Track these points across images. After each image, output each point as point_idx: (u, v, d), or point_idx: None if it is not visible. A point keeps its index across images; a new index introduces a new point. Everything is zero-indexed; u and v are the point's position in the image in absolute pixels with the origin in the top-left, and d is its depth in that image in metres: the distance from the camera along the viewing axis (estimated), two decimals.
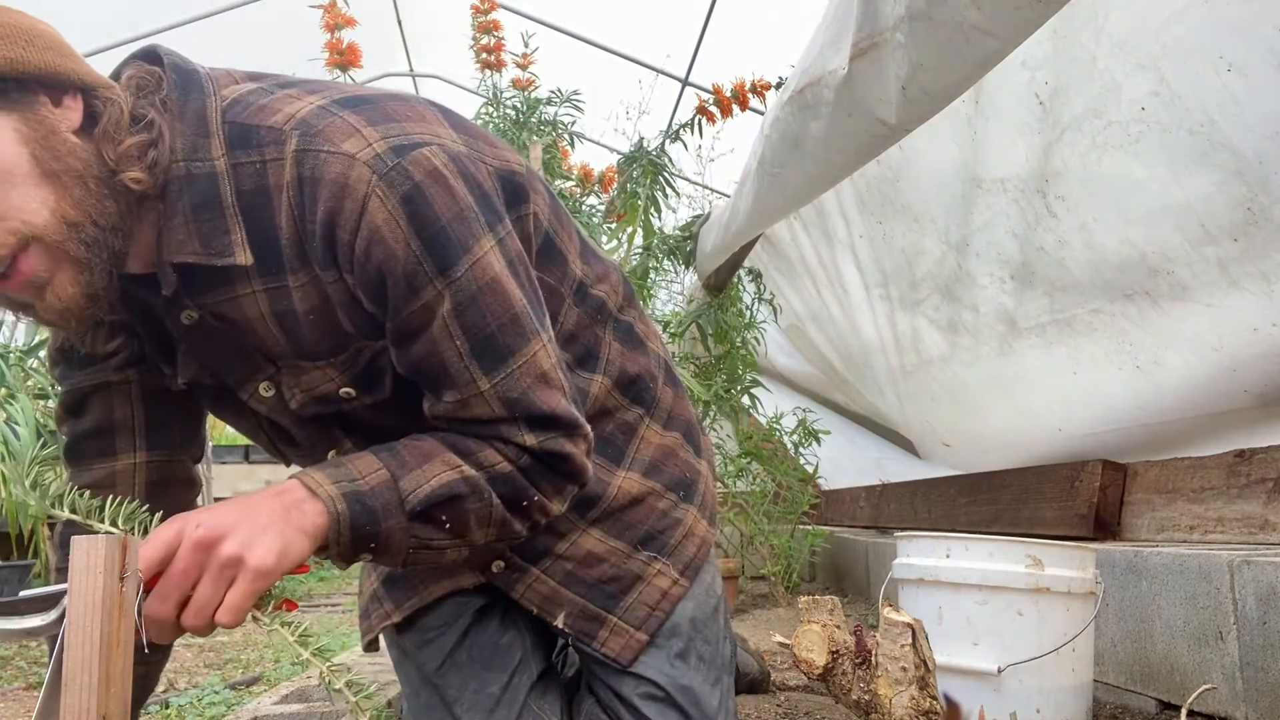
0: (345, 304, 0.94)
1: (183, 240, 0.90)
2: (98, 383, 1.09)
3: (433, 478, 0.94)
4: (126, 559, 0.83)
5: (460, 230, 0.91)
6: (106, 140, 0.85)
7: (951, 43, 1.50)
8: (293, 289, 0.94)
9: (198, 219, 0.90)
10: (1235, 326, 2.07)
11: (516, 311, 0.96)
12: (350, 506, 0.90)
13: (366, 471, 0.92)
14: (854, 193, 3.33)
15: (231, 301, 0.95)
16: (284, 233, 0.91)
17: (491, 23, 3.68)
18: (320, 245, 0.90)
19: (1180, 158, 1.96)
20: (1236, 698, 1.66)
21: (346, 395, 1.01)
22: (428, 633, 1.24)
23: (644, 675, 1.18)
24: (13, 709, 2.20)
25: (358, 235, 0.88)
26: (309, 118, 0.90)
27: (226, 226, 0.90)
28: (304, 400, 1.01)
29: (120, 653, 0.82)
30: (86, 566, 0.80)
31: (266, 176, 0.90)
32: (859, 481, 4.47)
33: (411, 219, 0.88)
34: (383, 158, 0.88)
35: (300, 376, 1.00)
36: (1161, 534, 2.26)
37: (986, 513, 3.00)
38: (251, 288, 0.94)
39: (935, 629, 1.64)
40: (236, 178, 0.90)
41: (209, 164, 0.90)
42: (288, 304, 0.95)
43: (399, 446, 0.96)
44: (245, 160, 0.90)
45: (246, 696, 2.24)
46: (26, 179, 0.80)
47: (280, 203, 0.90)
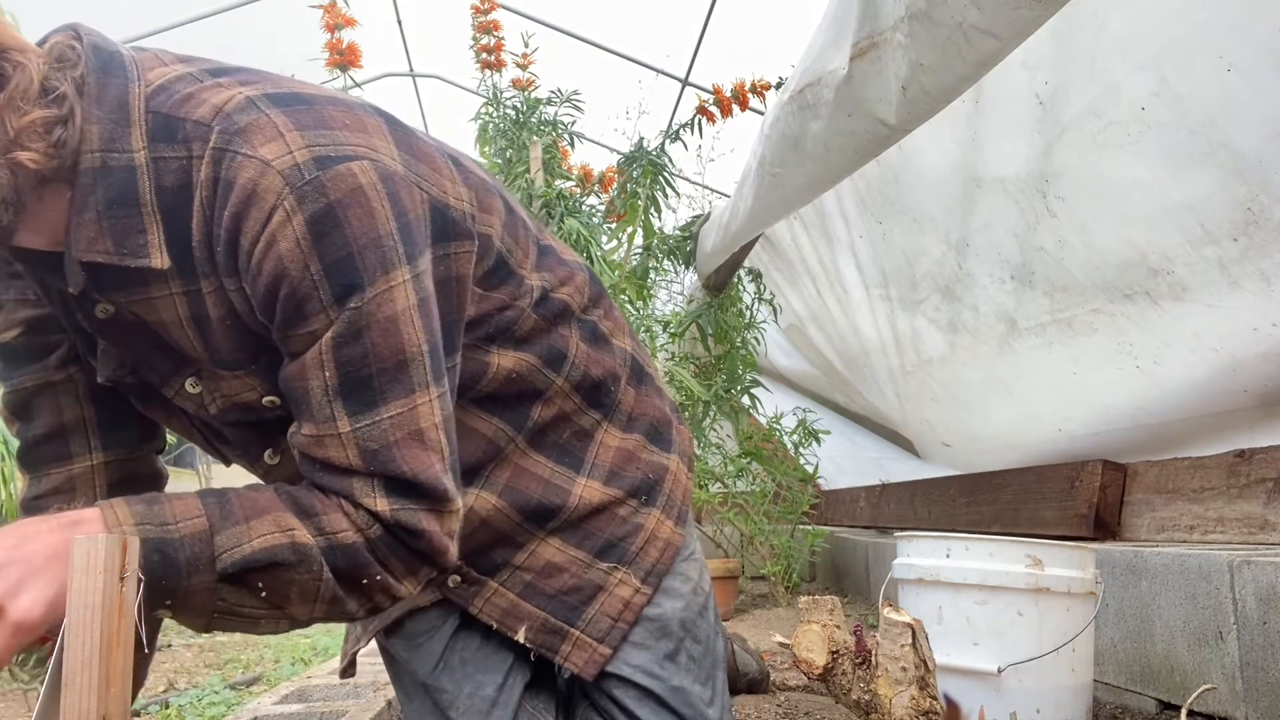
0: (250, 314, 0.88)
1: (93, 238, 0.83)
2: (40, 382, 1.03)
3: (256, 538, 0.84)
4: (126, 559, 0.83)
5: (371, 258, 0.84)
6: (9, 109, 0.78)
7: (951, 43, 1.50)
8: (206, 295, 0.88)
9: (112, 215, 0.83)
10: (1235, 326, 2.07)
11: (406, 357, 0.87)
12: (147, 556, 0.80)
13: (182, 517, 0.83)
14: (854, 193, 3.33)
15: (146, 302, 0.89)
16: (196, 234, 0.84)
17: (491, 23, 3.68)
18: (224, 250, 0.83)
19: (1180, 158, 1.96)
20: (1236, 698, 1.66)
21: (270, 404, 0.94)
22: (416, 637, 1.22)
23: (634, 680, 1.17)
24: (13, 709, 2.20)
25: (256, 245, 0.81)
26: (233, 112, 0.83)
27: (143, 225, 0.83)
28: (224, 405, 0.95)
29: (120, 653, 0.82)
30: (86, 566, 0.80)
31: (190, 173, 0.83)
32: (859, 481, 4.47)
33: (317, 240, 0.82)
34: (301, 169, 0.82)
35: (219, 384, 0.94)
36: (1161, 534, 2.26)
37: (986, 513, 3.00)
38: (169, 289, 0.88)
39: (935, 629, 1.64)
40: (157, 173, 0.83)
41: (127, 156, 0.83)
42: (202, 309, 0.89)
43: (232, 495, 0.87)
44: (169, 155, 0.83)
45: (246, 696, 2.24)
46: None
47: (196, 201, 0.84)
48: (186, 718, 2.05)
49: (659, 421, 1.26)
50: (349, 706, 1.80)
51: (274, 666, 2.75)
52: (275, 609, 0.87)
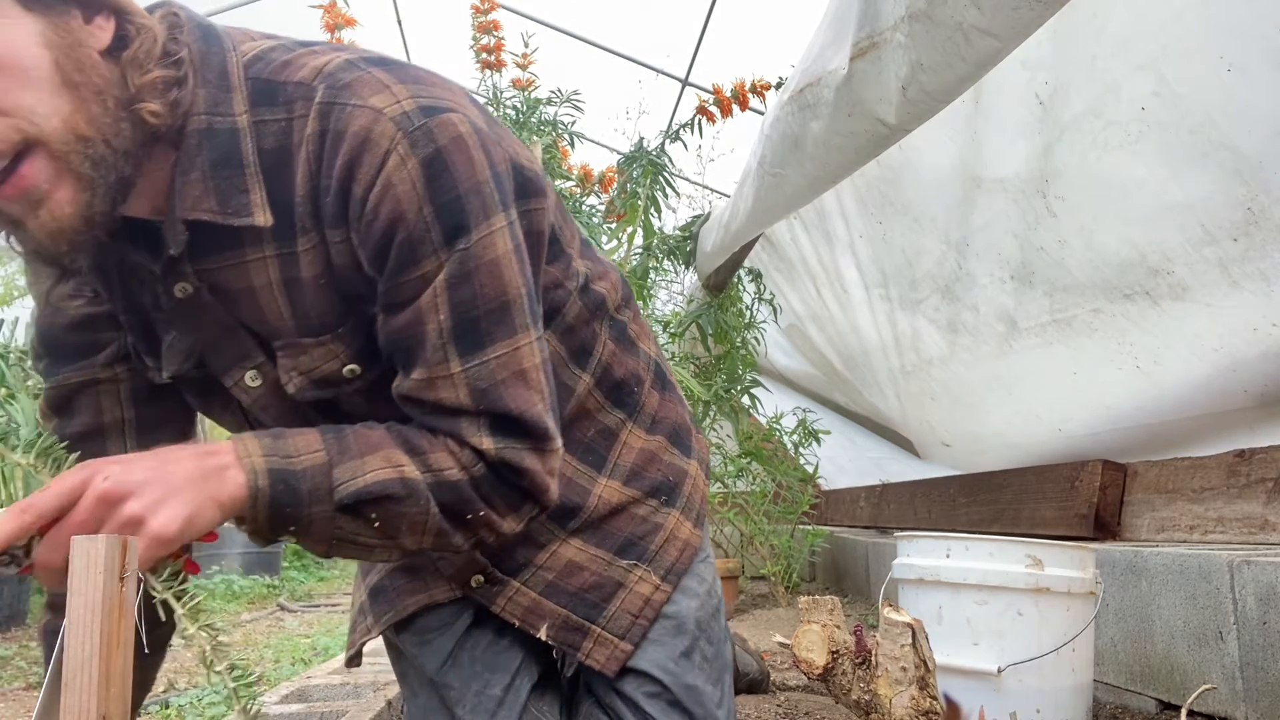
0: (349, 267, 0.90)
1: (199, 196, 0.86)
2: (85, 379, 1.03)
3: (369, 472, 0.88)
4: (126, 559, 0.83)
5: (474, 202, 0.88)
6: (133, 66, 0.82)
7: (951, 43, 1.50)
8: (301, 254, 0.90)
9: (217, 175, 0.86)
10: (1235, 326, 2.07)
11: (509, 299, 0.91)
12: (273, 485, 0.84)
13: (303, 450, 0.87)
14: (854, 193, 3.33)
15: (238, 268, 0.90)
16: (299, 189, 0.87)
17: (491, 23, 3.68)
18: (334, 200, 0.86)
19: (1180, 158, 1.96)
20: (1236, 698, 1.66)
21: (350, 374, 0.95)
22: (426, 634, 1.23)
23: (649, 673, 1.18)
24: (13, 709, 2.20)
25: (371, 190, 0.84)
26: (336, 71, 0.87)
27: (246, 185, 0.87)
28: (302, 384, 0.96)
29: (120, 653, 0.82)
30: (86, 566, 0.80)
31: (290, 134, 0.87)
32: (859, 481, 4.47)
33: (429, 183, 0.85)
34: (410, 116, 0.85)
35: (299, 357, 0.95)
36: (1161, 534, 2.26)
37: (986, 513, 3.00)
38: (263, 252, 0.90)
39: (935, 629, 1.64)
40: (258, 135, 0.87)
41: (230, 119, 0.86)
42: (296, 271, 0.90)
43: (348, 431, 0.91)
44: (269, 118, 0.87)
45: None
46: (44, 83, 0.76)
47: (299, 158, 0.87)
48: (186, 718, 2.05)
49: (680, 427, 1.28)
50: (349, 706, 1.80)
51: (274, 666, 2.75)
52: (387, 539, 0.91)
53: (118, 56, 0.81)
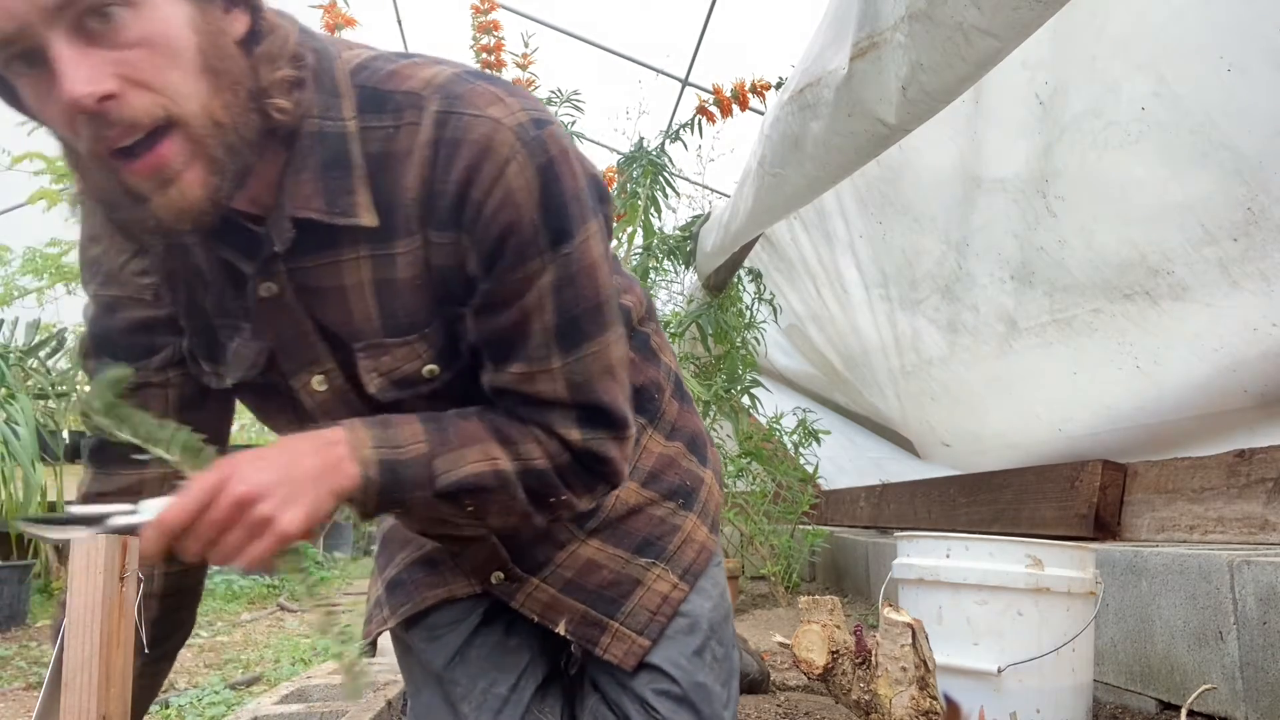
0: (444, 270, 0.93)
1: (308, 196, 0.89)
2: (136, 382, 1.02)
3: (466, 465, 0.95)
4: (126, 559, 0.83)
5: (576, 210, 0.93)
6: (265, 61, 0.85)
7: (951, 43, 1.50)
8: (399, 255, 0.93)
9: (326, 177, 0.89)
10: (1235, 326, 2.07)
11: (602, 300, 0.97)
12: (382, 475, 0.91)
13: (408, 441, 0.94)
14: (854, 193, 3.33)
15: (332, 267, 0.93)
16: (409, 193, 0.90)
17: (491, 23, 3.68)
18: (449, 204, 0.90)
19: (1180, 158, 1.96)
20: (1236, 698, 1.66)
21: (429, 374, 0.99)
22: (436, 630, 1.23)
23: (660, 668, 1.19)
24: (13, 709, 2.20)
25: (490, 195, 0.88)
26: (448, 83, 0.90)
27: (353, 187, 0.90)
28: (382, 385, 0.99)
29: (120, 653, 0.82)
30: (86, 566, 0.80)
31: (396, 140, 0.90)
32: (859, 481, 4.47)
33: (542, 190, 0.90)
34: (525, 126, 0.89)
35: (381, 357, 0.98)
36: (1161, 534, 2.25)
37: (986, 513, 3.00)
38: (358, 253, 0.93)
39: (935, 629, 1.64)
40: (365, 141, 0.90)
41: (340, 124, 0.90)
42: (390, 272, 0.94)
43: (446, 421, 0.97)
44: (375, 124, 0.90)
45: (246, 696, 2.24)
46: (189, 66, 0.78)
47: (410, 164, 0.90)
48: (186, 718, 2.05)
49: (698, 436, 1.33)
50: (349, 706, 1.80)
51: (274, 666, 2.75)
52: (478, 520, 1.00)
53: (250, 49, 0.84)
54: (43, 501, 3.32)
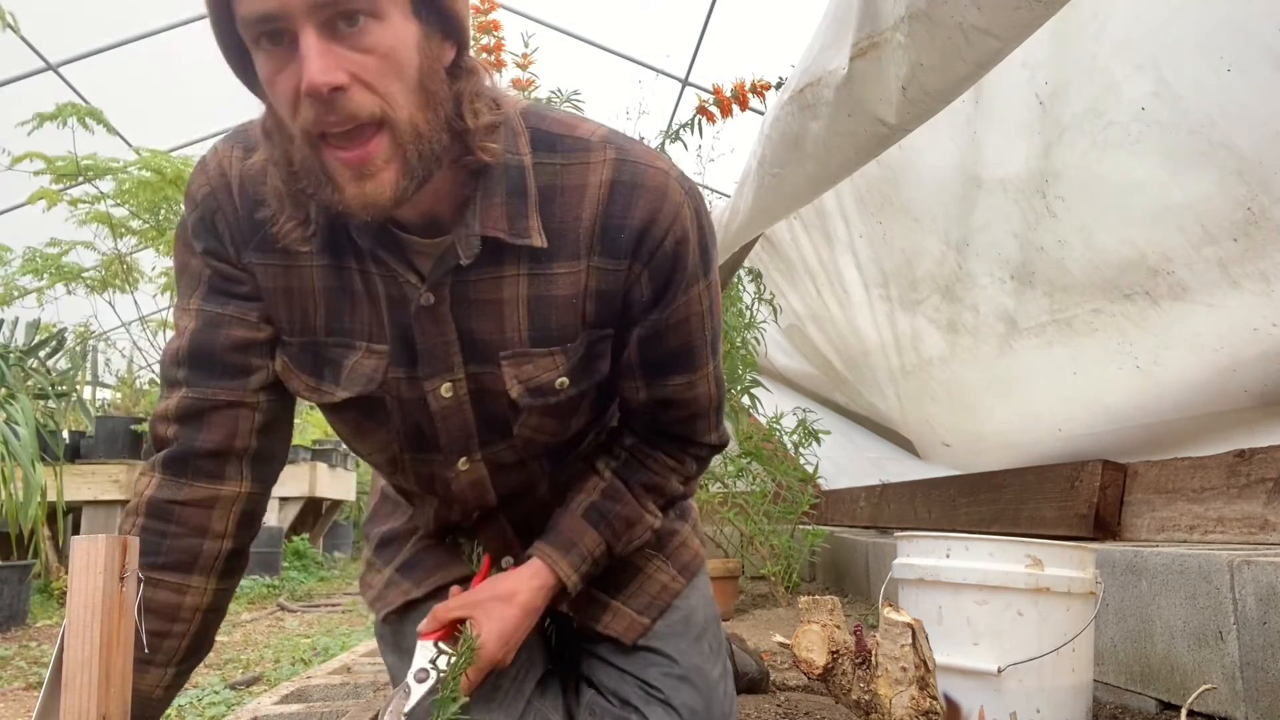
0: (604, 292, 1.07)
1: (497, 218, 1.01)
2: (232, 399, 1.08)
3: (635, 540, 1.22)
4: (126, 559, 0.83)
5: (713, 243, 1.12)
6: (467, 98, 0.96)
7: (951, 43, 1.50)
8: (559, 275, 1.05)
9: (510, 202, 1.02)
10: (1235, 326, 2.07)
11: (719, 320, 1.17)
12: (582, 581, 1.19)
13: (593, 548, 1.19)
14: (854, 193, 3.33)
15: (493, 281, 1.05)
16: (582, 224, 1.04)
17: (491, 23, 3.68)
18: (629, 237, 1.04)
19: (1180, 158, 1.96)
20: (1236, 698, 1.66)
21: (560, 385, 1.10)
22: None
23: (662, 650, 1.26)
24: (13, 709, 2.20)
25: (669, 234, 1.04)
26: (613, 137, 1.07)
27: (527, 213, 1.02)
28: (521, 391, 1.10)
29: (120, 653, 0.82)
30: (86, 566, 0.80)
31: (566, 177, 1.04)
32: (859, 481, 4.47)
33: (699, 231, 1.07)
34: (683, 179, 1.07)
35: (524, 365, 1.09)
36: (1161, 534, 2.26)
37: (986, 513, 3.00)
38: (518, 270, 1.05)
39: (935, 629, 1.64)
40: (537, 174, 1.03)
41: (519, 158, 1.03)
42: (546, 289, 1.06)
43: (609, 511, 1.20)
44: (545, 161, 1.04)
45: (246, 696, 2.24)
46: (409, 79, 0.88)
47: (583, 198, 1.04)
48: (186, 718, 2.05)
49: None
50: (349, 706, 1.80)
51: (274, 666, 2.75)
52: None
53: (451, 80, 0.95)
54: (42, 501, 3.32)
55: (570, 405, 1.14)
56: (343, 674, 2.16)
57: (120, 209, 4.85)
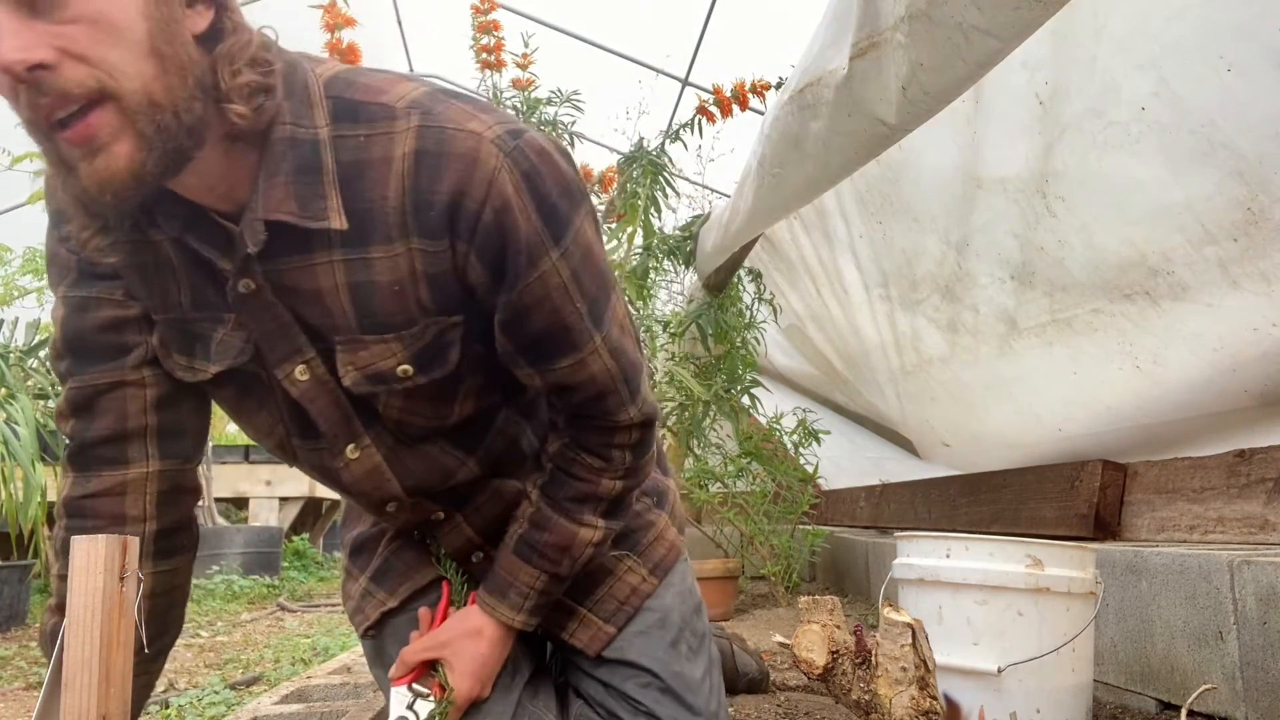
0: (434, 276, 0.97)
1: (281, 199, 0.92)
2: (113, 380, 1.05)
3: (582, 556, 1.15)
4: (126, 559, 0.83)
5: (566, 204, 0.97)
6: (224, 60, 0.87)
7: (951, 43, 1.50)
8: (376, 260, 0.96)
9: (298, 182, 0.92)
10: (1235, 326, 2.07)
11: (603, 268, 1.04)
12: (533, 617, 1.16)
13: (532, 582, 1.15)
14: (854, 193, 3.33)
15: (305, 270, 0.97)
16: (389, 201, 0.94)
17: (491, 23, 3.68)
18: (440, 213, 0.93)
19: (1180, 158, 1.96)
20: (1236, 698, 1.66)
21: (403, 374, 1.02)
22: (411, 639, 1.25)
23: (639, 664, 1.23)
24: (13, 709, 2.20)
25: (485, 205, 0.93)
26: (423, 99, 0.94)
27: (324, 193, 0.93)
28: (356, 378, 1.02)
29: (120, 653, 0.82)
30: (86, 566, 0.80)
31: (369, 149, 0.93)
32: (859, 481, 4.47)
33: (532, 194, 0.94)
34: (504, 138, 0.93)
35: (358, 352, 1.01)
36: (1161, 534, 2.26)
37: (986, 513, 3.00)
38: (330, 257, 0.96)
39: (935, 629, 1.64)
40: (336, 149, 0.93)
41: (312, 131, 0.92)
42: (366, 275, 0.97)
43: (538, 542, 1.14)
44: (349, 133, 0.93)
45: (246, 696, 2.24)
46: (134, 46, 0.80)
47: (388, 173, 0.93)
48: (186, 718, 2.05)
49: (660, 453, 1.38)
50: (349, 706, 1.80)
51: (274, 666, 2.75)
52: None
53: (210, 45, 0.87)
54: (42, 502, 3.32)
55: (435, 391, 1.05)
56: (343, 674, 2.16)
57: None
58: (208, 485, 5.38)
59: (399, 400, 1.05)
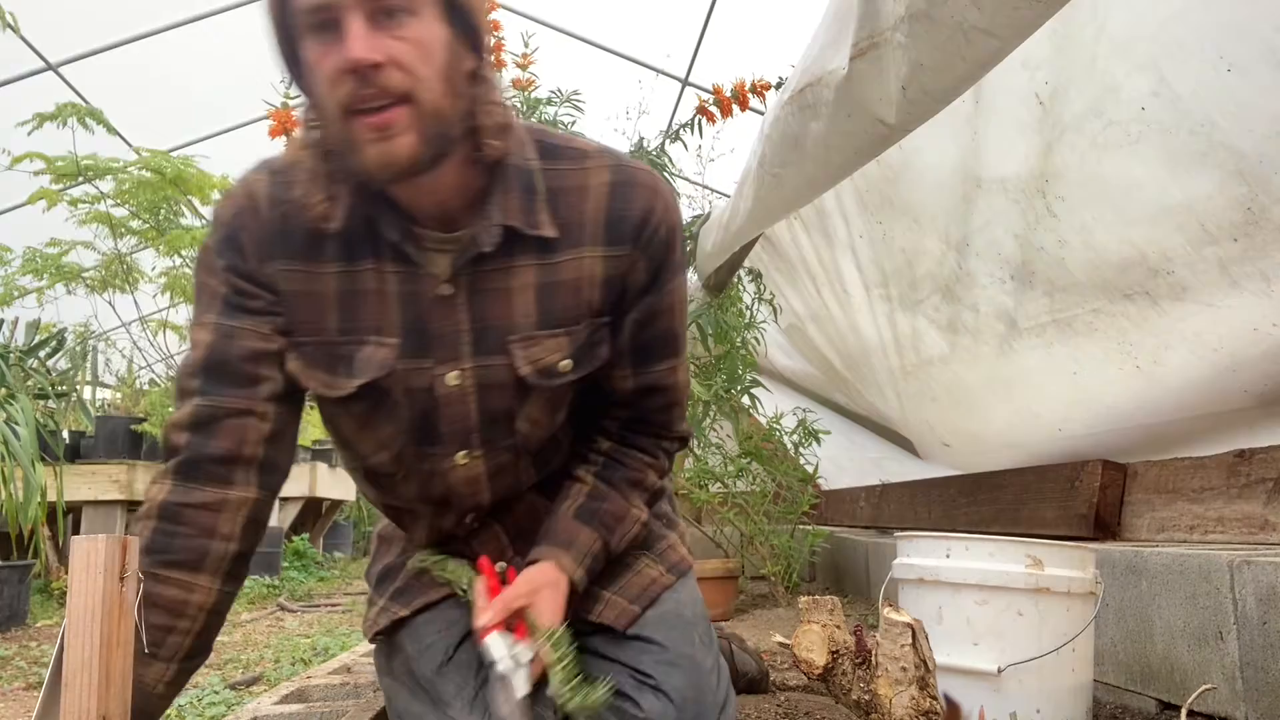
0: (608, 279, 1.20)
1: (514, 210, 1.15)
2: (241, 408, 1.15)
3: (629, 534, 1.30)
4: (126, 559, 0.83)
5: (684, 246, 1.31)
6: (482, 98, 1.10)
7: (951, 43, 1.50)
8: (563, 263, 1.18)
9: (522, 199, 1.16)
10: (1235, 326, 2.07)
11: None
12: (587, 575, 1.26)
13: (590, 543, 1.26)
14: (854, 193, 3.33)
15: (505, 271, 1.17)
16: (587, 216, 1.18)
17: (491, 23, 3.67)
18: (630, 226, 1.19)
19: (1180, 158, 1.96)
20: (1236, 698, 1.66)
21: (564, 369, 1.21)
22: (426, 638, 1.28)
23: (651, 638, 1.28)
24: (13, 709, 2.20)
25: (661, 224, 1.20)
26: (605, 147, 1.25)
27: (538, 208, 1.16)
28: (530, 372, 1.20)
29: (120, 653, 0.82)
30: (86, 566, 0.80)
31: (568, 179, 1.19)
32: (859, 481, 4.47)
33: (679, 226, 1.24)
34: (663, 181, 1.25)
35: (532, 348, 1.19)
36: (1161, 534, 2.26)
37: (986, 513, 3.00)
38: (529, 261, 1.17)
39: (935, 629, 1.64)
40: (546, 177, 1.18)
41: (528, 163, 1.17)
42: (552, 277, 1.18)
43: (598, 509, 1.28)
44: (551, 166, 1.19)
45: (246, 696, 2.24)
46: (437, 68, 1.03)
47: (586, 196, 1.19)
48: (186, 718, 2.05)
49: (670, 493, 1.52)
50: (349, 707, 1.80)
51: (274, 666, 2.75)
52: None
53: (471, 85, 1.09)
54: (42, 502, 3.32)
55: (563, 394, 1.24)
56: (343, 674, 2.16)
57: (120, 209, 4.85)
58: None
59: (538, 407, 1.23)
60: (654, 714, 1.20)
